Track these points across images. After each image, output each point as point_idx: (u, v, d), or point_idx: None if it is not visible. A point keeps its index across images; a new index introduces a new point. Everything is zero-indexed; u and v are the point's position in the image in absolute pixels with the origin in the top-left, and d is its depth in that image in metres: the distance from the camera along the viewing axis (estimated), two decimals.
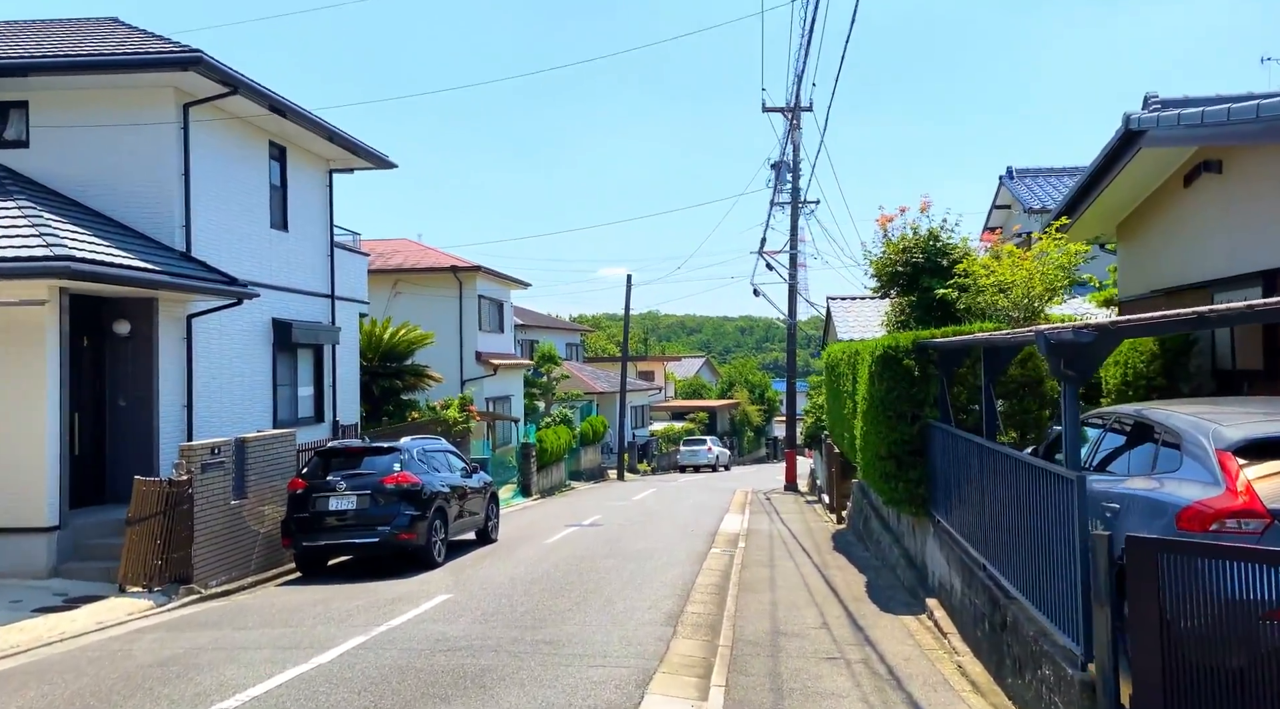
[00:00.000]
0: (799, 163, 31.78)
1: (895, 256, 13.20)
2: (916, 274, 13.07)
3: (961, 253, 13.00)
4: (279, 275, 17.07)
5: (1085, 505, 4.92)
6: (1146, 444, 6.44)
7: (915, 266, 13.04)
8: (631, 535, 17.27)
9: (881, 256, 13.67)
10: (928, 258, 13.06)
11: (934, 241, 13.20)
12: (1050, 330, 5.20)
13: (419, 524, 13.27)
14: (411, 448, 13.95)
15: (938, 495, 9.55)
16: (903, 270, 13.10)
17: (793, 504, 24.94)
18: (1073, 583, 5.03)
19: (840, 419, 15.16)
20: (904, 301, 13.95)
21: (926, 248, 13.12)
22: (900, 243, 13.30)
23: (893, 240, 13.41)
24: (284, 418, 17.20)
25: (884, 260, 13.47)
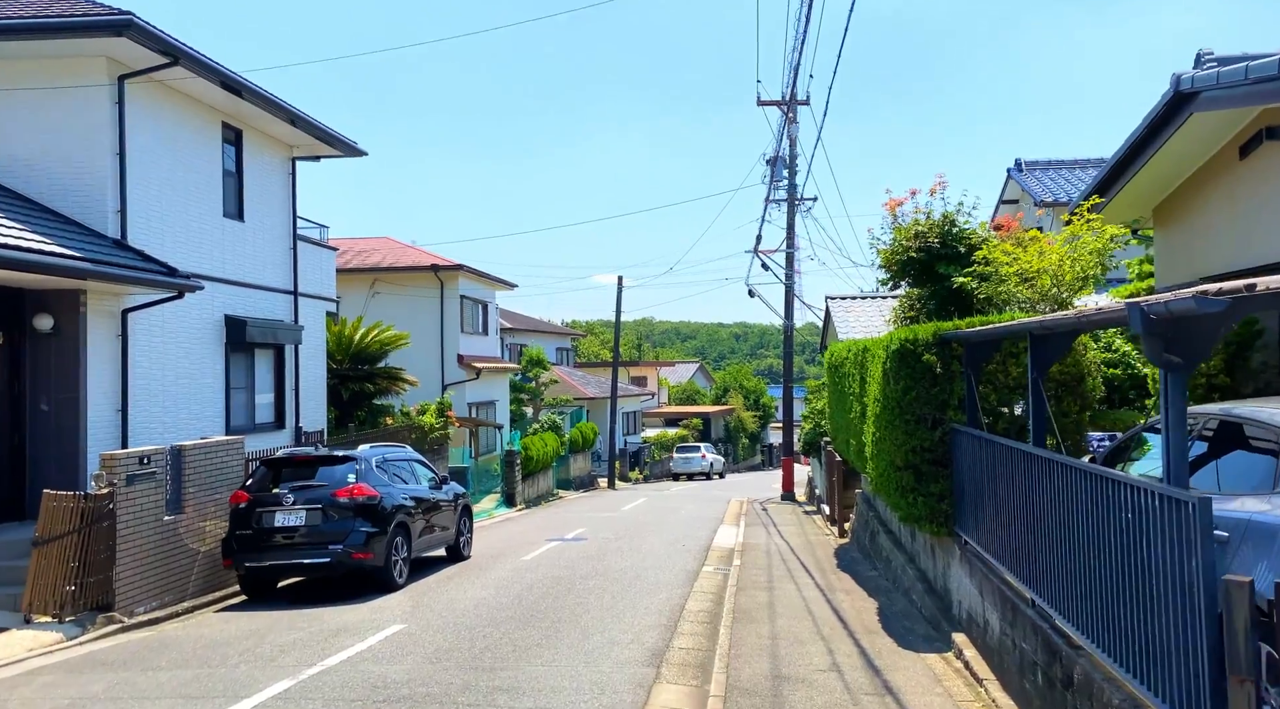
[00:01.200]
0: (795, 158, 30.53)
1: (907, 243, 11.86)
2: (931, 261, 11.73)
3: (980, 238, 11.66)
4: (233, 269, 15.68)
5: (1210, 539, 3.57)
6: (1245, 453, 5.11)
7: (930, 253, 11.70)
8: (617, 551, 15.89)
9: (891, 244, 12.32)
10: (944, 243, 11.73)
11: (950, 226, 11.87)
12: (1151, 302, 3.86)
13: (376, 542, 11.88)
14: (369, 457, 12.56)
15: (965, 512, 8.19)
16: (916, 257, 11.75)
17: (790, 515, 23.58)
18: (1189, 643, 3.68)
19: (845, 424, 13.81)
20: (916, 294, 12.61)
21: (942, 232, 11.79)
22: (913, 227, 11.96)
23: (904, 225, 12.07)
24: (239, 424, 15.79)
25: (894, 247, 12.13)
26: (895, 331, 9.01)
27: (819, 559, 14.98)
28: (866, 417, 10.54)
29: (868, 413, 10.49)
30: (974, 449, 7.78)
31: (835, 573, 13.37)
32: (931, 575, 9.79)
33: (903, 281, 12.71)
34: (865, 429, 10.66)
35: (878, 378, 9.52)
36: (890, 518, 12.91)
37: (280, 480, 12.09)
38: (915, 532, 10.51)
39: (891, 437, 8.95)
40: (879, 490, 10.02)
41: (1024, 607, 6.13)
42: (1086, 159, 23.52)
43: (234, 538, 11.80)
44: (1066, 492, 5.21)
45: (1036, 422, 6.18)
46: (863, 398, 11.30)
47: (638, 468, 44.58)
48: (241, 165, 16.03)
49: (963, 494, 8.28)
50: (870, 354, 10.63)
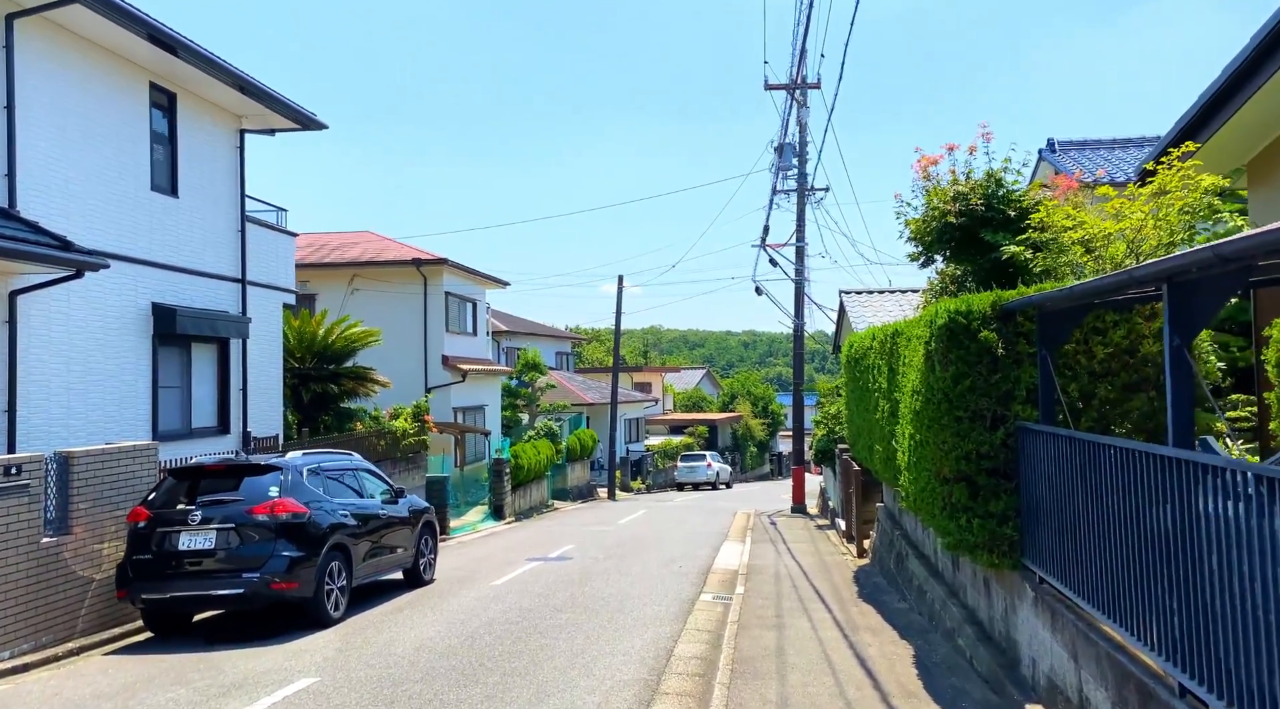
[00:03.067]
0: (805, 145, 28.47)
1: (944, 206, 9.78)
2: (974, 228, 9.65)
3: (1033, 201, 9.58)
4: (163, 250, 13.70)
5: None
6: None
7: (973, 217, 9.61)
8: (604, 574, 13.81)
9: (924, 211, 10.24)
10: (989, 206, 9.65)
11: (997, 186, 9.79)
12: None
13: (303, 568, 9.83)
14: (298, 466, 10.51)
15: (1040, 540, 6.10)
16: (955, 223, 9.67)
17: (802, 530, 21.43)
18: None
19: (866, 427, 11.72)
20: (953, 271, 10.54)
21: (987, 194, 9.71)
22: (951, 188, 9.88)
23: (941, 186, 9.98)
24: (170, 428, 13.79)
25: (928, 214, 10.05)
26: (941, 303, 6.94)
27: (836, 585, 12.87)
28: (900, 415, 8.45)
29: (901, 411, 8.40)
30: (1056, 454, 5.70)
31: (856, 604, 11.25)
32: (985, 617, 7.67)
33: (937, 256, 10.63)
34: (898, 431, 8.57)
35: (917, 365, 7.43)
36: (923, 539, 10.80)
37: (194, 494, 10.07)
38: (959, 560, 8.41)
39: (936, 439, 6.86)
40: (917, 508, 7.91)
41: (1166, 695, 4.03)
42: (1127, 138, 21.34)
43: (130, 564, 9.77)
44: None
45: (1178, 412, 4.09)
46: (893, 393, 9.21)
47: (640, 477, 42.48)
48: (175, 133, 14.06)
49: (1036, 515, 6.18)
50: (904, 338, 8.55)
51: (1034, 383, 6.48)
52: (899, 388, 8.69)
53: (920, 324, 7.48)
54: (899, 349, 8.90)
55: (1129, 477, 4.54)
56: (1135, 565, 4.48)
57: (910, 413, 7.66)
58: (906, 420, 7.92)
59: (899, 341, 8.93)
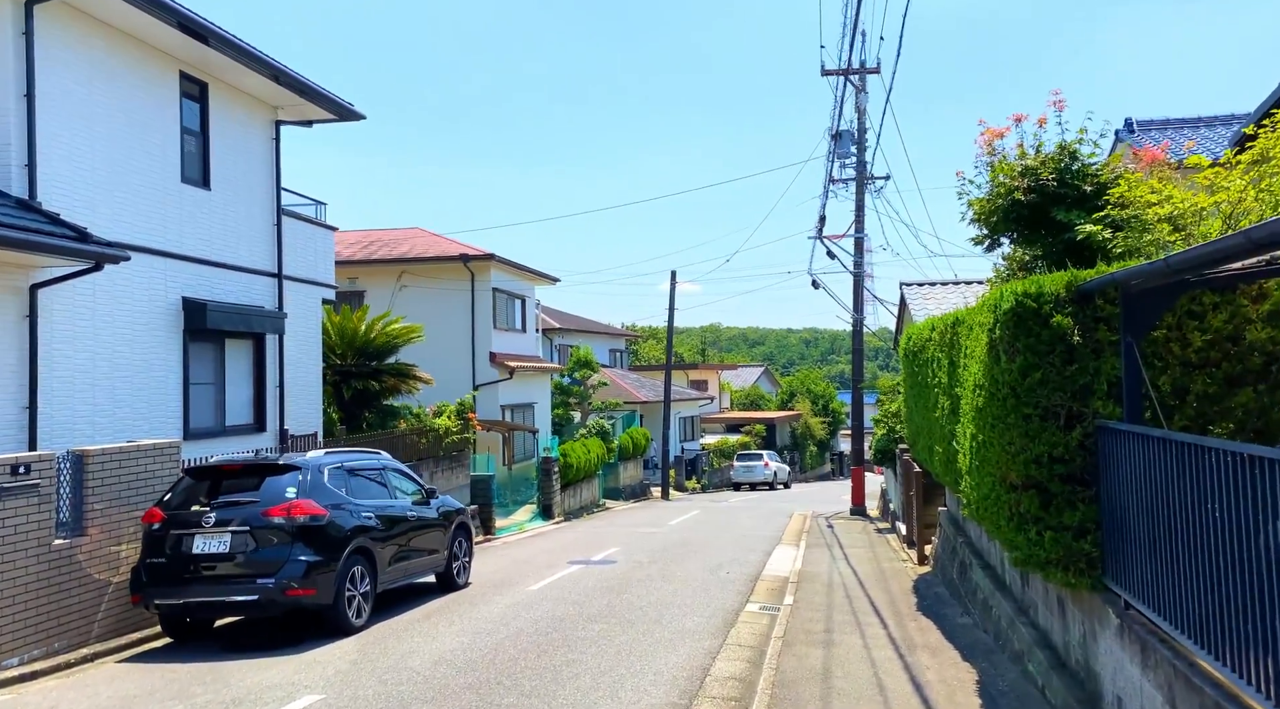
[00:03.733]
0: (864, 132, 27.40)
1: (1011, 182, 8.84)
2: (1045, 206, 8.70)
3: (1113, 175, 8.60)
4: (194, 243, 13.39)
5: None
6: None
7: (1044, 194, 8.66)
8: (645, 580, 13.12)
9: (989, 189, 9.32)
10: (1062, 182, 8.69)
11: (1071, 159, 8.82)
12: None
13: (321, 573, 9.33)
14: (317, 465, 10.02)
15: (1127, 559, 5.23)
16: (1024, 201, 8.73)
17: (860, 534, 20.47)
18: None
19: (926, 426, 10.83)
20: (1022, 255, 9.59)
21: (1060, 168, 8.75)
22: (1018, 163, 8.94)
23: (1009, 160, 9.04)
24: (202, 425, 13.48)
25: (994, 191, 9.12)
26: (1007, 286, 6.08)
27: (893, 596, 11.98)
28: (961, 413, 7.59)
29: (962, 408, 7.54)
30: (1145, 458, 4.83)
31: (914, 618, 10.37)
32: (1060, 642, 6.78)
33: (1003, 238, 9.68)
34: (958, 431, 7.71)
35: (979, 356, 6.58)
36: (988, 548, 9.88)
37: (210, 495, 9.65)
38: (1029, 575, 7.51)
39: (1002, 440, 6.01)
40: (981, 516, 7.04)
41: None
42: (1212, 116, 19.92)
43: (144, 567, 9.37)
44: None
45: None
46: (953, 388, 8.34)
47: (695, 477, 41.69)
48: (207, 124, 13.75)
49: (1120, 529, 5.32)
50: (965, 326, 7.68)
51: (1116, 375, 5.60)
52: (960, 383, 7.82)
53: (983, 310, 6.63)
54: (959, 340, 8.03)
55: (1242, 485, 3.69)
56: (1251, 596, 3.63)
57: (972, 410, 6.80)
58: (968, 419, 7.06)
59: (959, 331, 8.05)
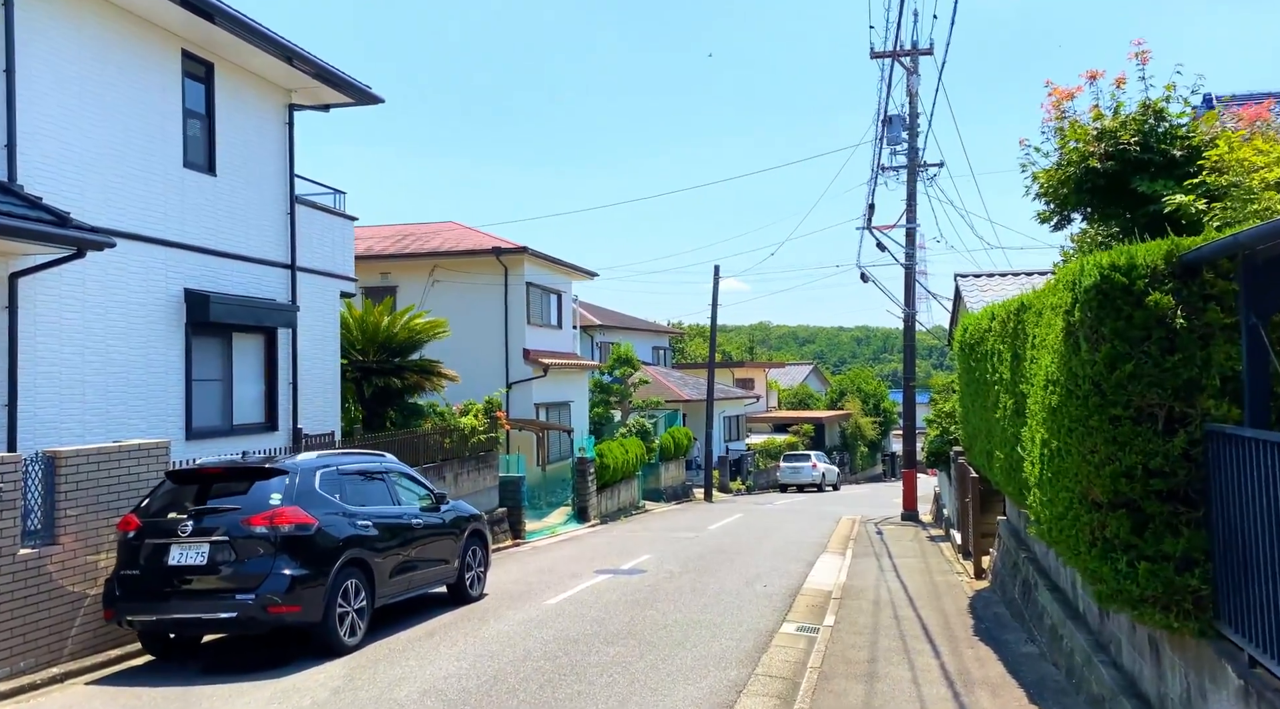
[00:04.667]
0: (916, 116, 26.01)
1: (1086, 148, 7.64)
2: (1125, 174, 7.49)
3: (1207, 136, 7.37)
4: (198, 232, 12.68)
5: None
6: None
7: (1123, 159, 7.45)
8: (675, 593, 12.10)
9: (1059, 158, 8.12)
10: (1146, 146, 7.47)
11: (1158, 119, 7.60)
12: None
13: (307, 588, 8.47)
14: (308, 468, 9.17)
15: (1251, 600, 4.09)
16: (1100, 168, 7.53)
17: (911, 541, 19.19)
18: None
19: (983, 428, 9.64)
20: (1097, 233, 8.38)
21: (1143, 130, 7.53)
22: (1094, 125, 7.73)
23: (1081, 123, 7.84)
24: (206, 424, 12.78)
25: (1064, 160, 7.92)
26: (1090, 258, 4.94)
27: (947, 616, 10.79)
28: (1028, 414, 6.44)
29: (1029, 408, 6.39)
30: (1276, 472, 3.69)
31: (971, 644, 9.19)
32: (1154, 693, 5.60)
33: (1074, 214, 8.47)
34: (1025, 434, 6.55)
35: (1053, 345, 5.44)
36: (1056, 567, 8.68)
37: (195, 500, 8.85)
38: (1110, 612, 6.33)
39: (1082, 447, 4.88)
40: (1054, 539, 5.88)
41: None
42: None
43: (117, 580, 8.61)
44: None
45: None
46: (1017, 385, 7.18)
47: (740, 477, 40.51)
48: (213, 106, 13.03)
49: (1240, 561, 4.17)
50: (1032, 312, 6.53)
51: (1233, 367, 4.45)
52: (1026, 378, 6.66)
53: (1057, 290, 5.48)
54: (1025, 328, 6.87)
55: None
56: None
57: (1043, 411, 5.66)
58: (1037, 421, 5.92)
59: (1025, 319, 6.89)
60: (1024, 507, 6.58)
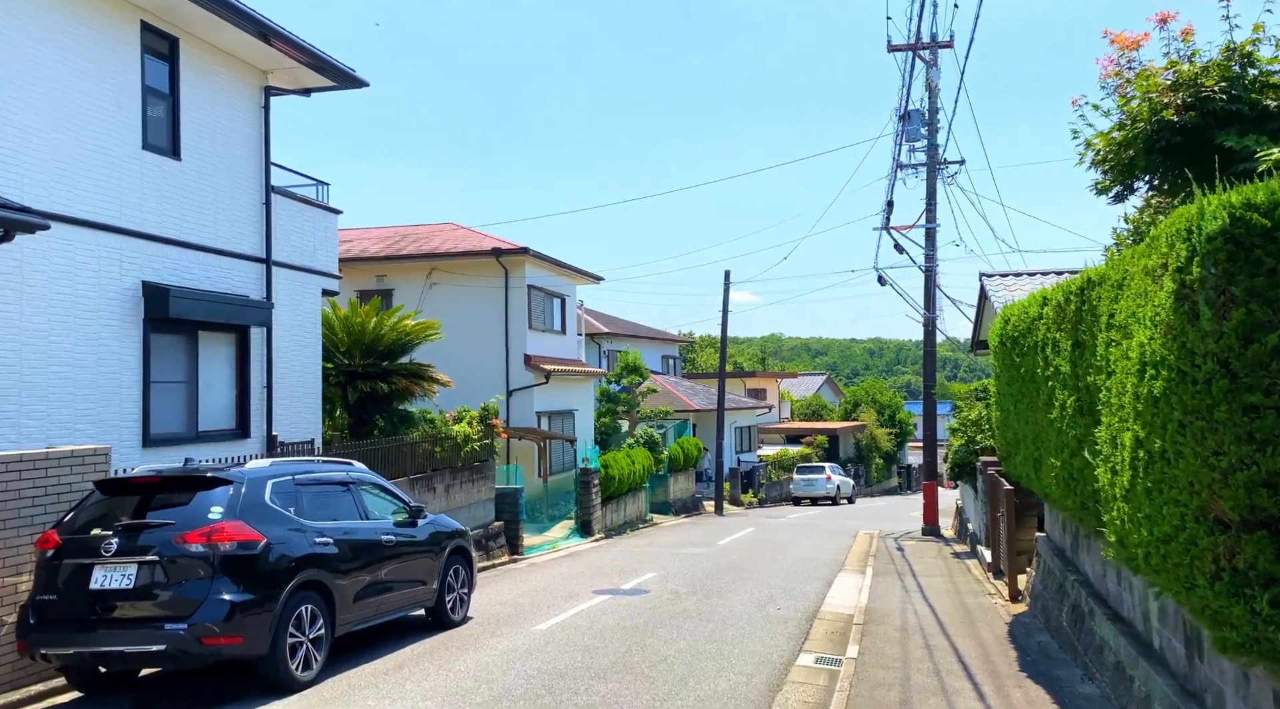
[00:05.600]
0: (936, 112, 24.86)
1: (1159, 100, 6.47)
2: (1206, 130, 6.31)
3: None
4: (159, 220, 11.62)
5: None
6: None
7: (1205, 111, 6.26)
8: (679, 617, 10.91)
9: (1122, 118, 6.94)
10: (1231, 97, 6.29)
11: (1246, 64, 6.42)
12: None
13: (251, 615, 7.33)
14: (257, 478, 8.04)
15: None
16: (1175, 123, 6.35)
17: (935, 559, 17.93)
18: None
19: (1032, 433, 8.43)
20: (1169, 203, 7.19)
21: (1229, 76, 6.35)
22: (1167, 73, 6.56)
23: (1152, 72, 6.66)
24: (167, 430, 11.69)
25: (1129, 116, 6.75)
26: (1212, 198, 3.75)
27: (985, 646, 9.55)
28: (1107, 408, 5.24)
29: (1109, 402, 5.20)
30: None
31: (1019, 682, 7.96)
32: None
33: (1139, 181, 7.28)
34: (1100, 435, 5.36)
35: (1152, 317, 4.25)
36: (1118, 593, 7.46)
37: (128, 514, 7.73)
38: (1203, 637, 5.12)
39: (1201, 447, 3.70)
40: (1152, 566, 4.67)
41: None
42: None
43: (33, 606, 7.48)
44: None
45: None
46: (1082, 379, 6.00)
47: (752, 490, 39.22)
48: (177, 85, 12.00)
49: None
50: (1108, 285, 5.35)
51: None
52: (1098, 367, 5.48)
53: (1157, 246, 4.30)
54: (1094, 308, 5.69)
55: None
56: None
57: (1136, 403, 4.47)
58: (1124, 417, 4.73)
59: (1094, 296, 5.71)
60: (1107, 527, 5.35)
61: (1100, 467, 5.38)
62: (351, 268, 23.35)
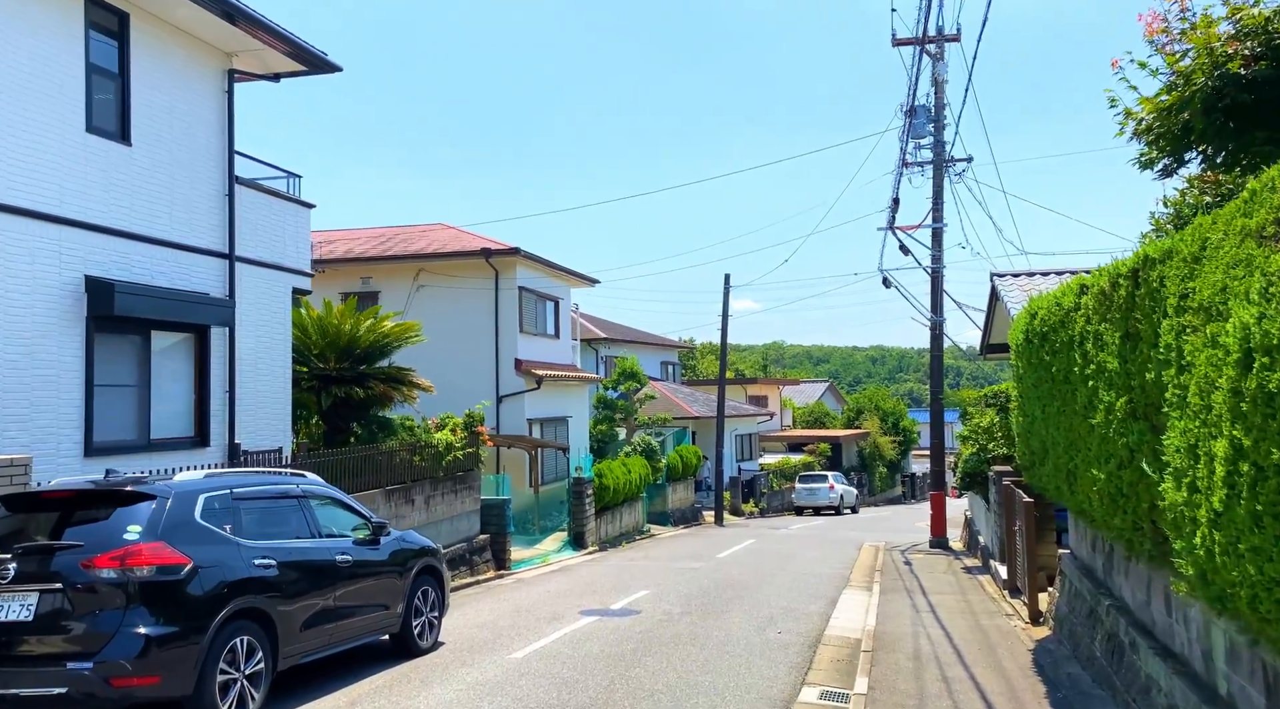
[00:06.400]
0: (942, 108, 23.96)
1: (1221, 52, 5.53)
2: None
3: None
4: (104, 209, 10.70)
5: None
6: None
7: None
8: (670, 643, 9.94)
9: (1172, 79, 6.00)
10: None
11: None
12: None
13: (172, 650, 6.37)
14: (186, 492, 7.08)
15: None
16: (1245, 77, 5.42)
17: (946, 574, 16.94)
18: None
19: (1067, 440, 7.47)
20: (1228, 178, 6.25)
21: None
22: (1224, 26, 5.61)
23: (1209, 20, 5.72)
24: (114, 437, 10.74)
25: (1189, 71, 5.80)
26: None
27: (1009, 678, 8.57)
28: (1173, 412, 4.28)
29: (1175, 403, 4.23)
30: None
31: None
32: None
33: (1192, 154, 6.33)
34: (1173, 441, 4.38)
35: (1262, 292, 3.29)
36: (1167, 625, 6.49)
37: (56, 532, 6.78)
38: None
39: None
40: (1251, 610, 3.70)
41: None
42: None
43: None
44: None
45: None
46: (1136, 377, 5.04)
47: (753, 499, 38.20)
48: (127, 65, 11.09)
49: None
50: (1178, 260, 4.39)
51: None
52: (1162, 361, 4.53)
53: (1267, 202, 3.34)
54: (1158, 292, 4.74)
55: None
56: None
57: (1235, 401, 3.51)
58: (1206, 420, 3.77)
59: (1157, 278, 4.76)
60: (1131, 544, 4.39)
61: (1168, 481, 4.42)
62: (336, 269, 22.45)
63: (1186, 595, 4.46)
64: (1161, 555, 5.39)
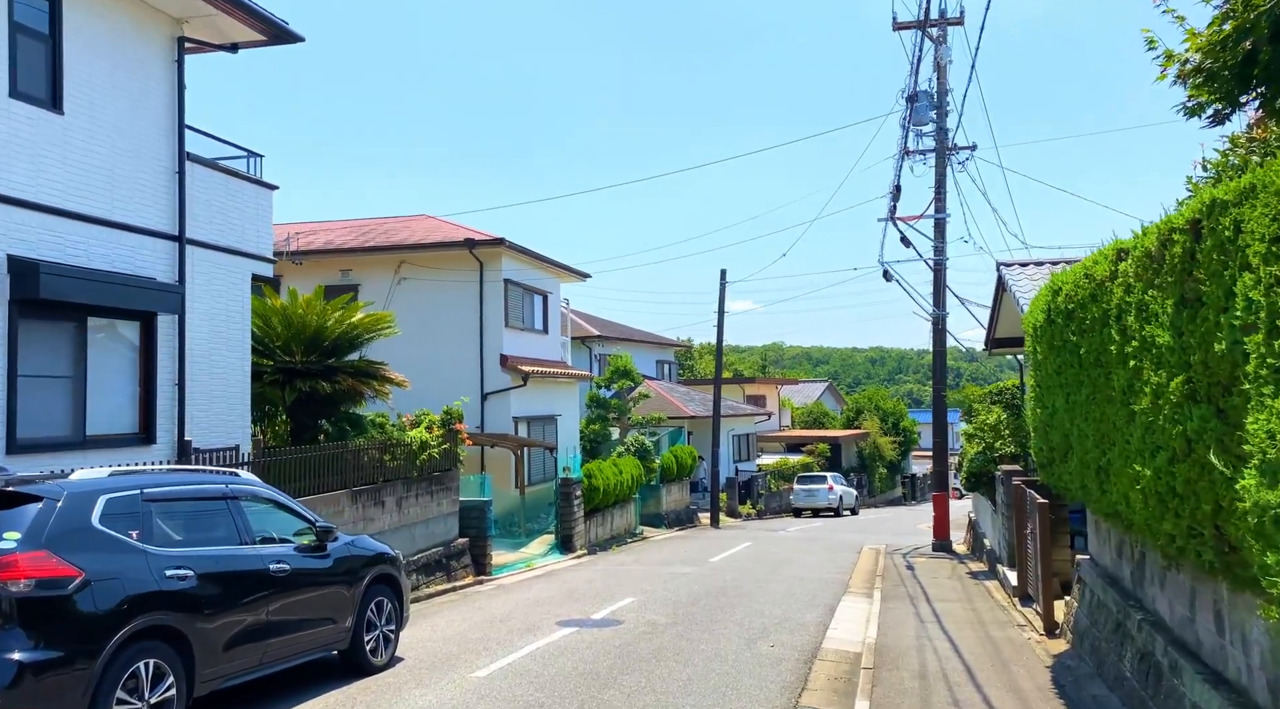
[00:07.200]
0: (945, 94, 23.02)
1: None
2: None
3: None
4: (29, 182, 9.76)
5: None
6: None
7: None
8: (652, 658, 9.00)
9: (1229, 7, 5.08)
10: None
11: None
12: None
13: (55, 678, 5.44)
14: (82, 493, 6.15)
15: None
16: None
17: (950, 579, 16.00)
18: None
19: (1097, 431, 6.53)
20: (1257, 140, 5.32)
21: None
22: None
23: None
24: (41, 434, 9.79)
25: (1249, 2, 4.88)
26: None
27: (1027, 701, 7.64)
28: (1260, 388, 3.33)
29: (1263, 377, 3.28)
30: None
31: None
32: None
33: (1249, 97, 5.41)
34: (1260, 426, 3.45)
35: None
36: (1215, 645, 5.55)
37: None
38: None
39: None
40: None
41: None
42: None
43: None
44: None
45: None
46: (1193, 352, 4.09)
47: (750, 501, 37.22)
48: (59, 25, 10.15)
49: None
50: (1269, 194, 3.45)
51: None
52: (1242, 325, 3.59)
53: None
54: (1231, 242, 3.80)
55: None
56: None
57: None
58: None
59: (1228, 225, 3.82)
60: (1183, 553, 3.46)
61: (1250, 478, 3.48)
62: (315, 262, 21.49)
63: (1271, 619, 3.50)
64: (1225, 567, 4.45)
